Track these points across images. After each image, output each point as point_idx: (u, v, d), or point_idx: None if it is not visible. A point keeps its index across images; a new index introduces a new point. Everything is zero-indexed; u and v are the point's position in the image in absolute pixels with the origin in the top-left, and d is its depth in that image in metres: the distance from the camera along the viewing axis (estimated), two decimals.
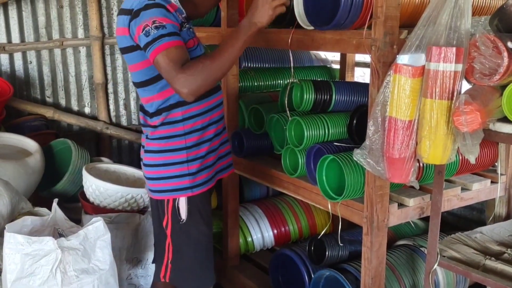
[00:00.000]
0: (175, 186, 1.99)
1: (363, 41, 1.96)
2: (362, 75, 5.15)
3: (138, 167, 4.00)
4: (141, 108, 2.06)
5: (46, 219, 2.22)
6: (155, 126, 1.99)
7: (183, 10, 2.00)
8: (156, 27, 1.77)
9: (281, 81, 3.23)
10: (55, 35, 3.68)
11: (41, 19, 3.61)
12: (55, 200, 2.27)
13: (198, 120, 1.99)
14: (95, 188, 2.55)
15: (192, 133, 1.98)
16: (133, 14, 1.82)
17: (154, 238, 2.20)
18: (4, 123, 3.29)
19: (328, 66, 3.54)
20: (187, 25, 1.96)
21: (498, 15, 1.70)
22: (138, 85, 1.99)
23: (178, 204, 1.99)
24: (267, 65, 3.42)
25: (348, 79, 3.37)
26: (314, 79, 3.26)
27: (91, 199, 2.63)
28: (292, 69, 2.55)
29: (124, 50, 1.94)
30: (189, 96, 1.77)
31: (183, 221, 2.00)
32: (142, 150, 2.10)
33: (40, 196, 3.02)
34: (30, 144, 2.98)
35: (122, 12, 1.91)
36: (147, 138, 2.04)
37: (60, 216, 2.26)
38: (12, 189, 2.39)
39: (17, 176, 2.71)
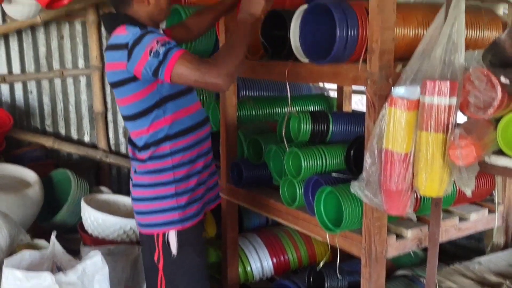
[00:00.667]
0: (165, 220, 2.00)
1: (359, 74, 1.99)
2: (360, 99, 5.19)
3: None
4: (130, 142, 2.07)
5: (44, 253, 2.21)
6: (143, 160, 2.00)
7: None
8: (163, 44, 1.80)
9: (280, 110, 3.25)
10: (56, 66, 3.72)
11: (42, 50, 3.65)
12: (54, 233, 2.27)
13: (186, 153, 2.01)
14: (94, 219, 2.56)
15: (180, 166, 2.00)
16: (131, 46, 1.82)
17: (145, 272, 2.18)
18: (4, 153, 3.31)
19: (326, 94, 3.57)
20: None
21: (491, 49, 1.73)
22: (129, 118, 1.98)
23: (168, 238, 1.99)
24: (265, 94, 3.46)
25: (345, 107, 3.40)
26: (312, 108, 3.28)
27: (90, 231, 2.63)
28: (289, 100, 2.57)
29: (117, 84, 1.92)
30: (227, 83, 1.81)
31: (174, 256, 2.00)
32: (131, 184, 2.11)
33: (39, 226, 3.02)
34: (29, 175, 2.99)
35: (112, 47, 1.90)
36: (135, 172, 2.05)
37: (59, 249, 2.26)
38: (11, 221, 2.40)
39: (16, 208, 2.71)
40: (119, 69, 1.87)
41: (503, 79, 1.66)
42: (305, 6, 2.17)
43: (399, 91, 1.87)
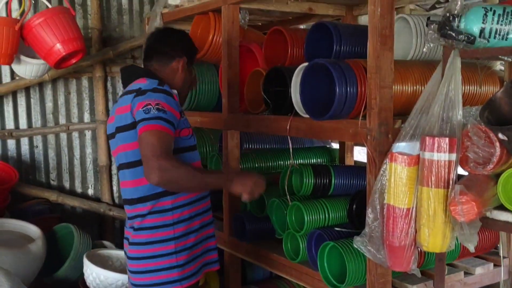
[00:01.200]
0: (164, 279, 1.95)
1: (359, 130, 2.02)
2: (362, 150, 5.20)
3: None
4: (125, 200, 2.02)
5: None
6: (142, 215, 1.95)
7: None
8: (158, 109, 1.84)
9: (282, 162, 3.27)
10: (62, 120, 3.79)
11: (49, 105, 3.73)
12: None
13: (186, 209, 2.00)
14: (96, 276, 2.54)
15: (180, 223, 1.98)
16: (139, 92, 1.91)
17: None
18: (9, 207, 3.31)
19: (328, 146, 3.60)
20: (184, 115, 2.03)
21: (488, 107, 1.77)
22: (129, 165, 1.94)
23: None
24: (268, 146, 3.49)
25: (347, 159, 3.42)
26: (314, 160, 3.31)
27: (91, 287, 2.61)
28: (291, 153, 2.60)
29: (123, 128, 1.93)
30: (155, 181, 1.75)
31: None
32: (125, 243, 2.05)
33: (41, 282, 2.99)
34: (33, 230, 2.99)
35: (127, 93, 1.98)
36: (133, 230, 1.99)
37: None
38: (13, 279, 2.38)
39: (19, 264, 2.70)
40: (127, 112, 1.91)
41: (501, 136, 1.69)
42: (305, 64, 2.23)
43: (399, 146, 1.90)
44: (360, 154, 4.53)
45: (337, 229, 2.33)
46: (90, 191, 3.95)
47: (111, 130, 2.00)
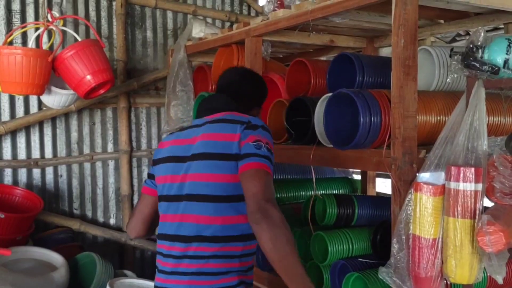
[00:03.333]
0: None
1: (383, 159, 2.03)
2: (384, 181, 5.18)
3: None
4: (201, 237, 1.71)
5: None
6: (206, 258, 1.71)
7: None
8: (268, 149, 1.70)
9: (304, 193, 3.27)
10: (86, 150, 3.85)
11: (74, 135, 3.80)
12: None
13: (252, 258, 1.85)
14: None
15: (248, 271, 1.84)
16: (250, 125, 1.73)
17: None
18: (32, 235, 3.35)
19: (350, 177, 3.59)
20: None
21: None
22: (213, 199, 1.70)
23: None
24: (289, 177, 3.49)
25: (369, 190, 3.40)
26: (336, 191, 3.30)
27: None
28: (314, 183, 2.61)
29: (221, 156, 1.71)
30: (262, 230, 1.53)
31: None
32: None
33: None
34: (56, 258, 3.01)
35: (228, 121, 1.77)
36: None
37: None
38: None
39: None
40: (232, 141, 1.71)
41: None
42: (328, 95, 2.25)
43: (424, 176, 1.89)
44: (382, 185, 4.51)
45: (361, 259, 2.31)
46: (112, 221, 3.97)
47: (194, 151, 1.76)
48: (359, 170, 3.63)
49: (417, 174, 1.91)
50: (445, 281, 1.87)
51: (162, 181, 1.84)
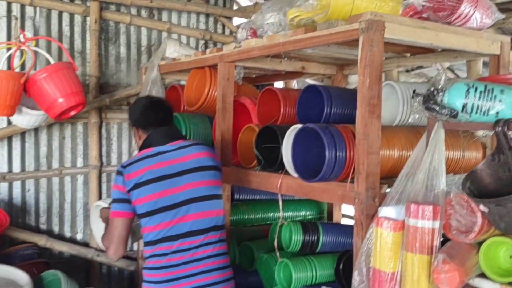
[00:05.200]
0: None
1: (347, 193, 2.10)
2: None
3: None
4: (210, 228, 2.23)
5: None
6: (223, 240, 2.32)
7: None
8: None
9: (272, 214, 3.33)
10: (55, 164, 3.82)
11: (43, 150, 3.77)
12: None
13: None
14: None
15: None
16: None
17: None
18: None
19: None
20: None
21: (470, 178, 1.84)
22: (213, 197, 2.26)
23: None
24: (258, 197, 3.54)
25: (335, 213, 3.48)
26: (303, 212, 3.37)
27: None
28: (281, 210, 2.66)
29: (211, 168, 2.29)
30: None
31: None
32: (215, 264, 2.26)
33: None
34: (21, 276, 2.97)
35: (203, 144, 2.39)
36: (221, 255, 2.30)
37: None
38: None
39: None
40: (214, 157, 2.35)
41: (482, 207, 1.76)
42: (297, 126, 2.31)
43: (385, 211, 1.96)
44: (349, 207, 4.59)
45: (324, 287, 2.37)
46: (79, 236, 3.95)
47: (189, 166, 2.25)
48: None
49: (379, 208, 1.98)
50: None
51: (156, 197, 2.18)
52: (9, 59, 3.09)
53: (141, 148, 2.32)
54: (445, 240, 1.90)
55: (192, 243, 2.17)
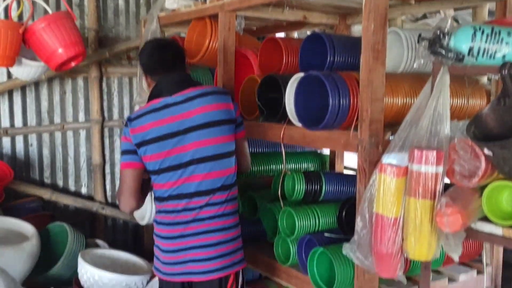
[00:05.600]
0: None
1: (350, 140, 2.09)
2: (352, 155, 5.28)
3: (133, 247, 4.04)
4: (217, 188, 2.16)
5: None
6: (235, 198, 2.29)
7: None
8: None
9: (274, 166, 3.33)
10: (57, 119, 3.82)
11: (44, 104, 3.76)
12: None
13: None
14: (90, 275, 2.59)
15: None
16: (232, 97, 2.28)
17: None
18: (2, 205, 3.35)
19: (319, 151, 3.66)
20: None
21: (474, 122, 1.83)
22: (224, 155, 2.17)
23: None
24: (260, 150, 3.54)
25: (337, 164, 3.49)
26: (305, 165, 3.37)
27: (86, 286, 2.66)
28: (284, 160, 2.66)
29: (222, 122, 2.17)
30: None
31: None
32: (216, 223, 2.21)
33: (34, 280, 3.03)
34: (27, 228, 3.02)
35: (216, 93, 2.22)
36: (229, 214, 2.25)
37: None
38: (8, 277, 2.42)
39: (13, 262, 2.73)
40: (228, 109, 2.20)
41: (486, 151, 1.76)
42: (300, 75, 2.29)
43: (388, 158, 1.96)
44: (349, 159, 4.60)
45: (326, 235, 2.40)
46: (84, 190, 3.98)
47: (196, 122, 2.12)
48: None
49: (382, 155, 1.98)
50: (404, 257, 1.97)
51: (163, 156, 2.11)
52: (6, 10, 3.04)
53: (149, 98, 2.20)
54: (447, 186, 1.91)
55: (198, 203, 2.13)
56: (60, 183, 3.89)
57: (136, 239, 4.16)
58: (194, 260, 2.12)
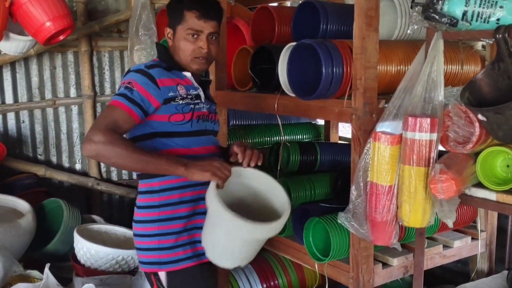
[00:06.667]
0: (154, 259, 1.92)
1: (344, 110, 2.08)
2: (346, 126, 5.28)
3: (129, 223, 4.05)
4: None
5: (38, 285, 2.24)
6: (139, 192, 1.99)
7: (196, 88, 1.95)
8: (126, 87, 1.80)
9: (269, 138, 3.33)
10: (48, 95, 3.77)
11: (34, 80, 3.71)
12: (47, 266, 2.30)
13: (174, 193, 1.91)
14: (86, 250, 2.59)
15: (166, 206, 1.91)
16: (125, 73, 1.90)
17: None
18: None
19: (313, 122, 3.65)
20: (189, 100, 1.90)
21: (469, 88, 1.82)
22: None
23: (160, 278, 1.93)
24: (255, 122, 3.53)
25: (332, 135, 3.48)
26: (300, 136, 3.37)
27: (82, 261, 2.66)
28: (282, 130, 2.65)
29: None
30: (84, 155, 1.82)
31: None
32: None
33: (31, 256, 3.04)
34: (22, 204, 3.01)
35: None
36: (136, 207, 2.02)
37: (52, 281, 2.29)
38: (5, 253, 2.43)
39: (9, 238, 2.73)
40: None
41: (480, 116, 1.75)
42: (292, 44, 2.25)
43: (382, 126, 1.96)
44: (344, 129, 4.60)
45: (322, 204, 2.40)
46: (78, 166, 3.96)
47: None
48: None
49: (376, 124, 1.97)
50: (399, 225, 1.98)
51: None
52: None
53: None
54: (441, 154, 1.91)
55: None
56: (54, 159, 3.86)
57: (133, 214, 4.16)
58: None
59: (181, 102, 1.89)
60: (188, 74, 1.94)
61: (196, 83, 1.96)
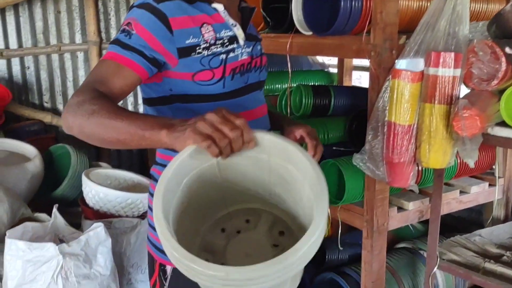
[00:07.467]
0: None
1: (362, 46, 1.98)
2: (358, 78, 5.18)
3: (137, 171, 4.03)
4: None
5: (46, 225, 2.22)
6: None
7: (231, 26, 1.39)
8: (123, 30, 1.29)
9: (280, 86, 3.24)
10: (53, 40, 3.68)
11: (39, 24, 3.61)
12: (55, 206, 2.27)
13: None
14: (95, 193, 2.56)
15: None
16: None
17: None
18: (3, 127, 3.29)
19: (326, 70, 3.55)
20: (220, 46, 1.35)
21: (496, 21, 1.72)
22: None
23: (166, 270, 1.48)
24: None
25: (345, 83, 3.38)
26: (313, 83, 3.27)
27: (91, 204, 2.64)
28: (289, 73, 2.56)
29: None
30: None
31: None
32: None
33: (39, 201, 3.02)
34: (29, 149, 2.98)
35: None
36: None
37: (61, 222, 2.26)
38: (13, 194, 2.40)
39: (17, 181, 2.71)
40: None
41: (508, 49, 1.65)
42: None
43: (402, 63, 1.86)
44: (357, 81, 4.51)
45: (335, 148, 2.34)
46: None
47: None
48: (335, 64, 3.58)
49: (396, 60, 1.88)
50: (417, 166, 1.92)
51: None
52: None
53: None
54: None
55: None
56: (60, 107, 3.80)
57: (142, 163, 4.13)
58: None
59: (206, 52, 1.33)
60: (219, 7, 1.37)
61: (231, 19, 1.40)
